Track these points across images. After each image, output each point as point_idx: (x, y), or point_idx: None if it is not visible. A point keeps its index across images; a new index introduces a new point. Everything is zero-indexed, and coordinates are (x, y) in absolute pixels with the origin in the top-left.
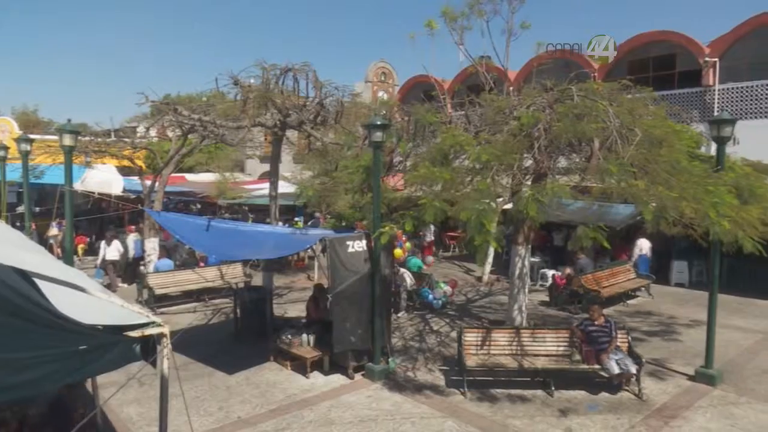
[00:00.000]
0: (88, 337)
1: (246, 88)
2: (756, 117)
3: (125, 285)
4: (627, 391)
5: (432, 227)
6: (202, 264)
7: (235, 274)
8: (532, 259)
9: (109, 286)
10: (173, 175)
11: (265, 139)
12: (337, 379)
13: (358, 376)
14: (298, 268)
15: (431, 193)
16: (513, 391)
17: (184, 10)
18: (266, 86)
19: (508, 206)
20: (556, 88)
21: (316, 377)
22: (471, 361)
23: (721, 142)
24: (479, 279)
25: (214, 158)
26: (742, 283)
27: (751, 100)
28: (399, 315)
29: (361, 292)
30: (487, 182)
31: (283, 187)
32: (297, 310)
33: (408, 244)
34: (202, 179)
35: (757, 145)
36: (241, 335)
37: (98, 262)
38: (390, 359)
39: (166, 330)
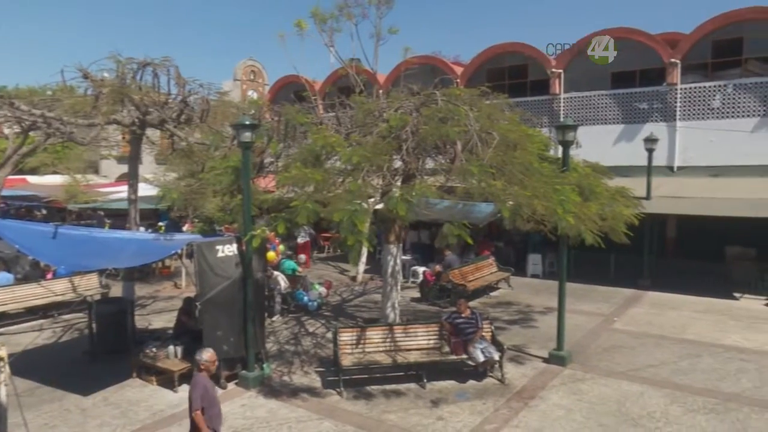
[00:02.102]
0: None
1: (98, 82)
2: (594, 123)
3: None
4: (492, 377)
5: (307, 228)
6: (49, 276)
7: (89, 285)
8: (404, 257)
9: None
10: (11, 177)
11: (123, 138)
12: None
13: (231, 385)
14: (164, 276)
15: (303, 195)
16: (388, 387)
17: None
18: (122, 81)
19: (380, 206)
20: (422, 93)
21: (186, 390)
22: (347, 361)
23: (566, 145)
24: (354, 279)
25: (63, 159)
26: (586, 272)
27: (590, 108)
28: (273, 319)
29: (233, 297)
30: (358, 183)
31: (145, 190)
32: (163, 321)
33: (282, 247)
34: (47, 182)
35: (595, 148)
36: (98, 352)
37: None
38: (265, 365)
39: (2, 352)
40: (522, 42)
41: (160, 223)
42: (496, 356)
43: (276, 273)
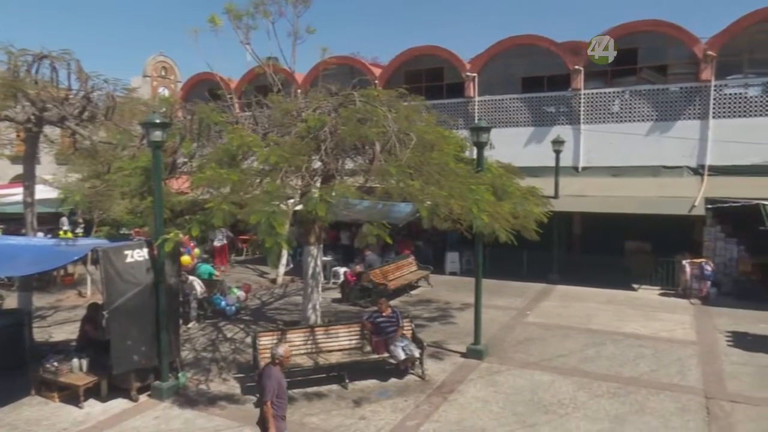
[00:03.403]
0: None
1: None
2: (507, 125)
3: None
4: (412, 374)
5: (224, 230)
6: None
7: None
8: (325, 258)
9: None
10: None
11: (18, 136)
12: (119, 404)
13: (143, 397)
14: (66, 285)
15: (219, 196)
16: (309, 389)
17: None
18: (14, 74)
19: (300, 207)
20: (341, 93)
21: (93, 405)
22: None
23: (480, 146)
24: (274, 281)
25: None
26: (501, 268)
27: (503, 111)
28: (189, 326)
29: (144, 305)
30: (276, 184)
31: (43, 192)
32: (66, 333)
33: (197, 251)
34: None
35: (508, 149)
36: None
37: None
38: (180, 374)
39: None
40: (438, 45)
41: (66, 228)
42: (417, 353)
43: (191, 278)
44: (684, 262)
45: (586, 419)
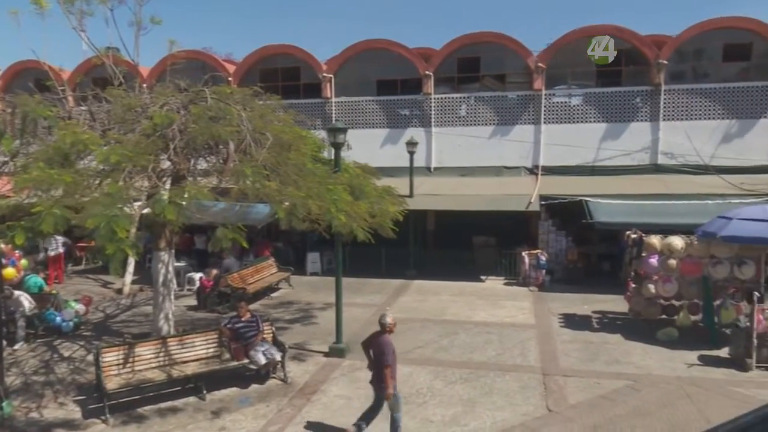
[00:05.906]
0: None
1: None
2: (363, 127)
3: None
4: (275, 378)
5: (59, 238)
6: None
7: None
8: (178, 264)
9: None
10: None
11: None
12: None
13: None
14: None
15: (49, 199)
16: (163, 405)
17: None
18: None
19: (148, 210)
20: (191, 89)
21: None
22: (112, 383)
23: (337, 147)
24: (119, 291)
25: None
26: (361, 267)
27: (359, 112)
28: (16, 347)
29: None
30: (119, 185)
31: None
32: None
33: (24, 261)
34: None
35: (364, 150)
36: None
37: None
38: (4, 403)
39: None
40: (293, 45)
41: None
42: (278, 357)
43: (17, 292)
44: (523, 253)
45: (442, 405)
